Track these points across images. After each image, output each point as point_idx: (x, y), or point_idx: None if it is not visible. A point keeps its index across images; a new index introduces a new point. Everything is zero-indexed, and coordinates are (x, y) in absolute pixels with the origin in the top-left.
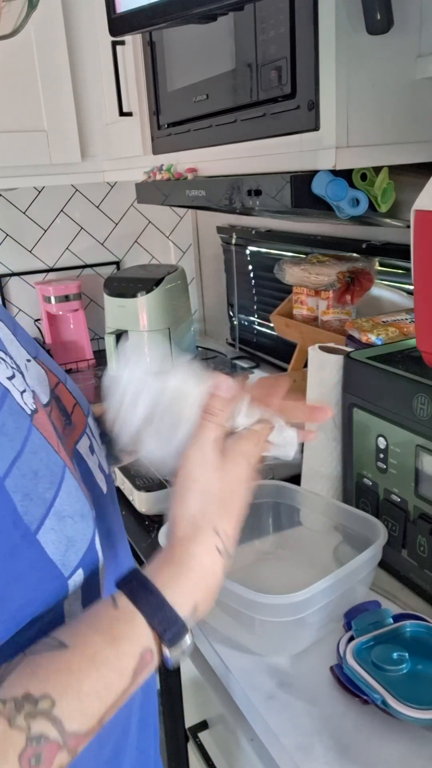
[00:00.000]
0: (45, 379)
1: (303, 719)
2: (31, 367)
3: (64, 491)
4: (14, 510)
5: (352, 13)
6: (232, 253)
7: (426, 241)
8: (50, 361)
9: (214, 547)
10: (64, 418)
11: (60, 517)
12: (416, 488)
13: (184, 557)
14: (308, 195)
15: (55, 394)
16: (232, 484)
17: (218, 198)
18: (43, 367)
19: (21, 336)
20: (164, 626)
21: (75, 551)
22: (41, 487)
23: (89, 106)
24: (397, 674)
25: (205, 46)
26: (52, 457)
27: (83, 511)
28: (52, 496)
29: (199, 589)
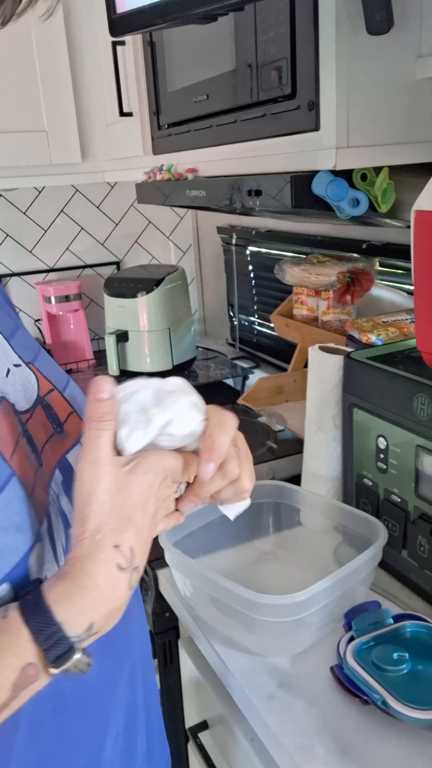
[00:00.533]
0: (32, 386)
1: (303, 719)
2: (17, 373)
3: (1, 501)
4: None
5: (352, 14)
6: (232, 253)
7: (426, 242)
8: (51, 368)
9: (114, 565)
10: (53, 426)
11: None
12: (416, 488)
13: (79, 575)
14: (308, 195)
15: (45, 401)
16: (136, 494)
17: (218, 198)
18: (36, 373)
19: (18, 340)
20: (50, 644)
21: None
22: None
23: (89, 106)
24: (397, 674)
25: (205, 46)
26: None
27: (21, 524)
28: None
29: (96, 608)
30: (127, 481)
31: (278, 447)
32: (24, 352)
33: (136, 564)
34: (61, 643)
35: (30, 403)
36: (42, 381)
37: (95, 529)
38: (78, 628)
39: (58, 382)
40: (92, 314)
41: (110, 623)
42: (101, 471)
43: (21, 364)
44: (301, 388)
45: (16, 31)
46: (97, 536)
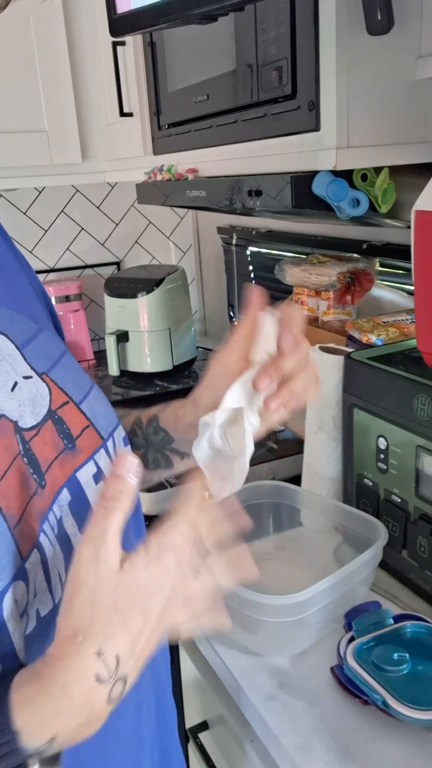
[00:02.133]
0: (43, 399)
1: (303, 720)
2: (26, 386)
3: None
4: None
5: (352, 14)
6: (232, 253)
7: (426, 242)
8: (71, 376)
9: (92, 675)
10: (65, 442)
11: None
12: (417, 489)
13: (49, 681)
14: (309, 195)
15: (57, 415)
16: (139, 592)
17: (219, 198)
18: (50, 384)
19: (35, 347)
20: (2, 752)
21: None
22: None
23: (90, 106)
24: (397, 675)
25: (205, 46)
26: None
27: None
28: None
29: (62, 720)
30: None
31: (278, 447)
32: (39, 362)
33: (122, 675)
34: (15, 755)
35: (38, 419)
36: (56, 393)
37: (77, 628)
38: (37, 740)
39: (76, 392)
40: (92, 314)
41: (80, 737)
42: (98, 559)
43: (32, 376)
44: None
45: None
46: (78, 638)
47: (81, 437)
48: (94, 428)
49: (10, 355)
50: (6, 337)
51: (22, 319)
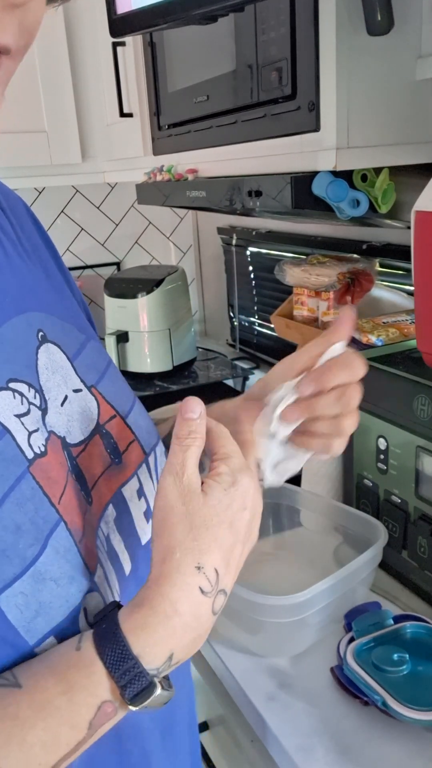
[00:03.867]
0: (92, 413)
1: (303, 720)
2: (75, 400)
3: (51, 549)
4: None
5: (352, 14)
6: (232, 253)
7: (426, 242)
8: (117, 389)
9: (197, 588)
10: (111, 456)
11: (38, 579)
12: (416, 489)
13: (156, 601)
14: (309, 196)
15: (104, 429)
16: (222, 511)
17: (219, 199)
18: (98, 397)
19: (84, 359)
20: (126, 680)
21: (47, 619)
22: (22, 543)
23: (90, 106)
24: (397, 675)
25: (205, 47)
26: (44, 510)
27: (73, 574)
28: (33, 555)
29: (176, 637)
30: (212, 497)
31: None
32: (88, 374)
33: (222, 587)
34: (139, 679)
35: (86, 434)
36: (103, 406)
37: (174, 547)
38: (157, 660)
39: (121, 406)
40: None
41: (191, 652)
42: (181, 484)
43: (82, 389)
44: None
45: None
46: (176, 555)
47: (127, 452)
48: (138, 443)
49: (63, 367)
50: (59, 348)
51: (71, 329)
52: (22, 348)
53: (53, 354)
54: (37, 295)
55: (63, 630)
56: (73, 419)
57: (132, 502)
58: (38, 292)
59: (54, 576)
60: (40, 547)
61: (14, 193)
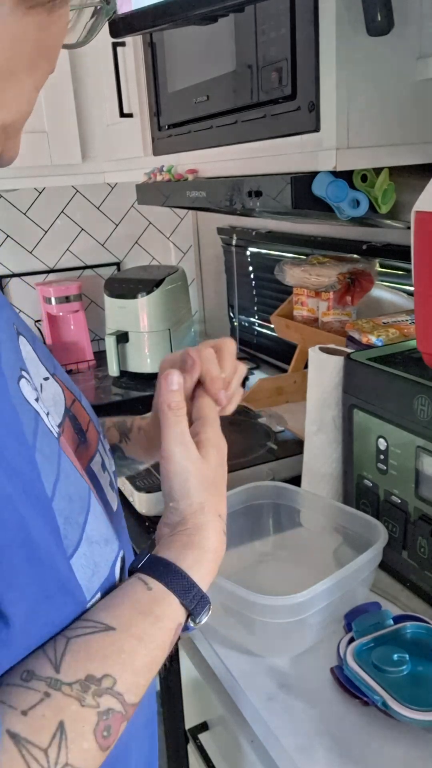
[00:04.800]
0: (61, 398)
1: (303, 721)
2: (48, 387)
3: (92, 516)
4: (58, 534)
5: (352, 15)
6: (232, 254)
7: (426, 243)
8: (66, 378)
9: (221, 532)
10: (78, 437)
11: (90, 542)
12: (416, 489)
13: (203, 542)
14: (309, 196)
15: (71, 412)
16: (215, 470)
17: (219, 199)
18: (60, 384)
19: (40, 350)
20: (194, 604)
21: (98, 577)
22: (75, 511)
23: (90, 107)
24: (397, 676)
25: (205, 47)
26: (79, 480)
27: (108, 536)
28: (83, 521)
29: (214, 568)
30: (207, 458)
31: (278, 448)
32: (47, 364)
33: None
34: (203, 603)
35: (60, 416)
36: (66, 392)
37: (201, 502)
38: (206, 585)
39: (75, 392)
40: (92, 315)
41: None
42: (190, 452)
43: (48, 377)
44: (301, 389)
45: None
46: (205, 508)
47: (88, 431)
48: (93, 423)
49: (34, 358)
50: (25, 338)
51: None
52: (12, 341)
53: (25, 345)
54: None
55: (106, 585)
56: (50, 404)
57: (100, 475)
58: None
59: (97, 538)
60: (86, 514)
61: None
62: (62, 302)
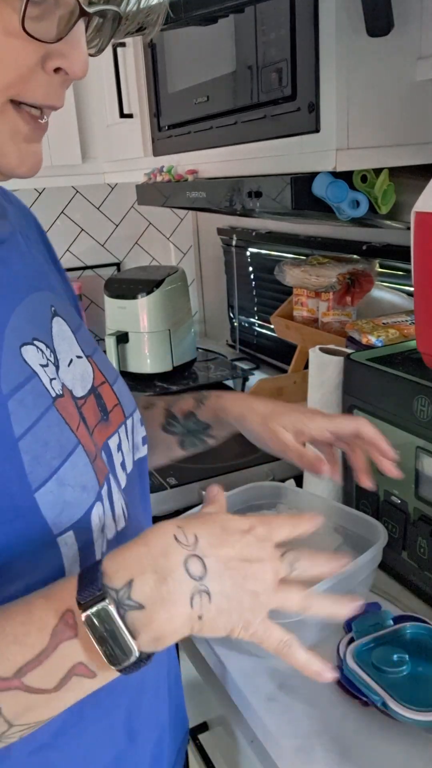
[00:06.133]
0: (89, 376)
1: (303, 721)
2: (78, 363)
3: (70, 463)
4: (21, 467)
5: (352, 15)
6: (232, 254)
7: (426, 243)
8: (105, 364)
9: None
10: (101, 413)
11: (61, 483)
12: (416, 490)
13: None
14: (308, 197)
15: (97, 390)
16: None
17: (219, 200)
18: (93, 365)
19: (81, 335)
20: (84, 586)
21: (68, 515)
22: (49, 454)
23: (90, 107)
24: (397, 676)
25: (205, 48)
26: (66, 434)
27: (86, 484)
28: (57, 464)
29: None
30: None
31: None
32: (85, 346)
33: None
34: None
35: (85, 391)
36: (97, 373)
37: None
38: (116, 580)
39: (109, 376)
40: (92, 315)
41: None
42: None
43: (82, 356)
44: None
45: None
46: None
47: (112, 412)
48: (120, 407)
49: (69, 337)
50: (65, 321)
51: (72, 311)
52: (40, 317)
53: (62, 325)
54: (47, 279)
55: (79, 527)
56: (76, 378)
57: (113, 453)
58: (48, 276)
59: (71, 483)
60: (62, 460)
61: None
62: None
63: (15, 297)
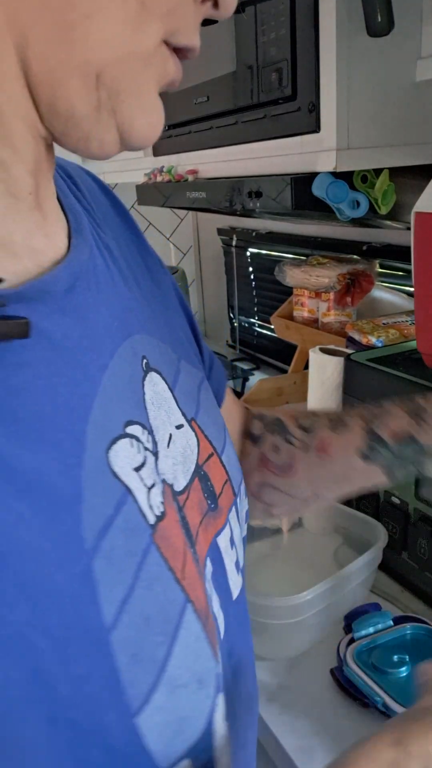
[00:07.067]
0: (193, 453)
1: (303, 722)
2: (178, 438)
3: (181, 645)
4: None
5: (352, 16)
6: (232, 254)
7: (426, 243)
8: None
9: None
10: (208, 501)
11: (173, 687)
12: (416, 491)
13: None
14: (309, 197)
15: (202, 471)
16: None
17: (219, 200)
18: (198, 433)
19: (182, 385)
20: None
21: (184, 738)
22: (152, 641)
23: None
24: (397, 677)
25: (205, 48)
26: (171, 590)
27: (203, 674)
28: (164, 655)
29: None
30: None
31: None
32: (188, 405)
33: None
34: None
35: (188, 478)
36: (203, 443)
37: None
38: None
39: (218, 440)
40: None
41: None
42: None
43: (183, 424)
44: (301, 389)
45: None
46: None
47: (221, 495)
48: (230, 482)
49: (166, 399)
50: (160, 376)
51: (166, 349)
52: (130, 382)
53: (157, 385)
54: (135, 313)
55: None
56: (177, 463)
57: (226, 552)
58: (134, 307)
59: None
60: (170, 644)
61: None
62: None
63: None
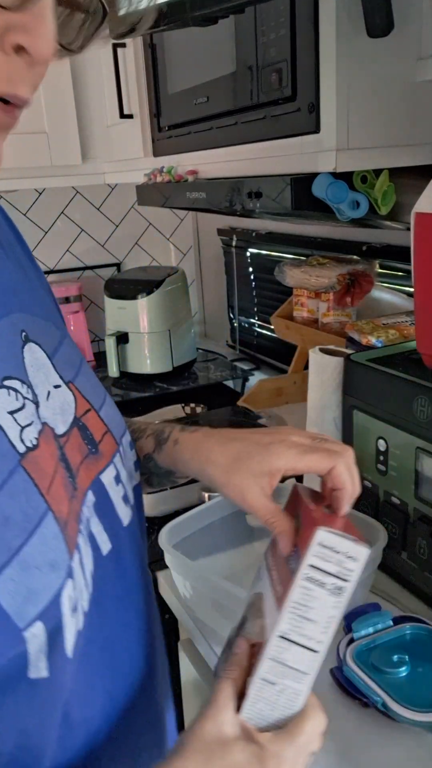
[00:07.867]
0: (70, 407)
1: None
2: (56, 395)
3: (37, 538)
4: None
5: (352, 16)
6: (232, 255)
7: (426, 244)
8: (90, 384)
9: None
10: (89, 447)
11: (24, 566)
12: (416, 490)
13: None
14: (309, 197)
15: (81, 422)
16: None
17: (219, 200)
18: (75, 392)
19: (61, 356)
20: None
21: (34, 603)
22: (9, 533)
23: (90, 108)
24: (397, 677)
25: (205, 48)
26: (33, 501)
27: (55, 561)
28: (19, 544)
29: None
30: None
31: None
32: (65, 371)
33: None
34: None
35: (67, 426)
36: (80, 401)
37: None
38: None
39: (95, 400)
40: (92, 316)
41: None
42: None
43: (61, 385)
44: (301, 390)
45: None
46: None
47: (102, 442)
48: (111, 434)
49: (44, 365)
50: (39, 347)
51: (49, 326)
52: (10, 348)
53: (35, 353)
54: (18, 296)
55: (48, 616)
56: (56, 412)
57: (111, 488)
58: (19, 292)
59: (38, 563)
60: (26, 537)
61: None
62: (62, 303)
63: None
